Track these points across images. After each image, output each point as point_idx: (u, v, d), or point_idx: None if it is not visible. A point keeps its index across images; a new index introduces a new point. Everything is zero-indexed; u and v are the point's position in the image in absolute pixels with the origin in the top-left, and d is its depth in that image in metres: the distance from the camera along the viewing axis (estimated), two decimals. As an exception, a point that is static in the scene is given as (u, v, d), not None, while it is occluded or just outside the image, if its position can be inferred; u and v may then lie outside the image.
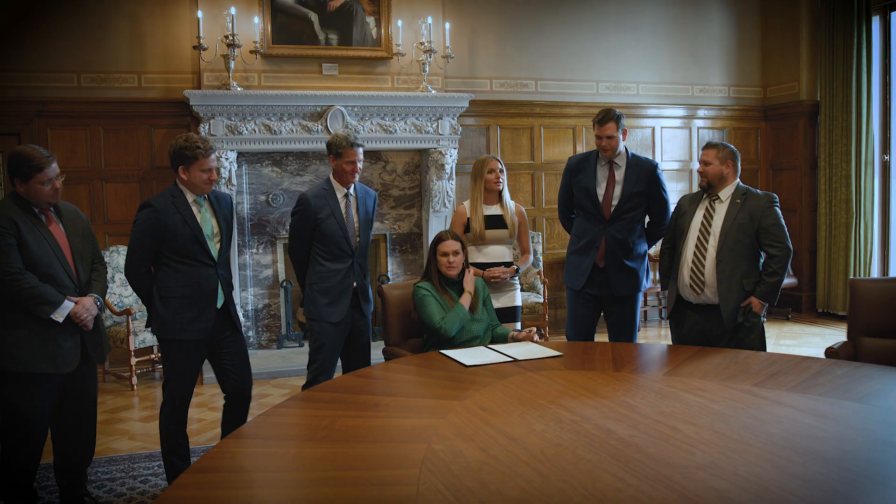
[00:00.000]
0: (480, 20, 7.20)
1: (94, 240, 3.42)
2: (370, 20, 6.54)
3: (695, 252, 3.73)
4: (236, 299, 6.06)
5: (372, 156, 6.74)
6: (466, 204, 4.21)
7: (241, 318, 5.57)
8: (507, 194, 4.25)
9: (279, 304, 6.60)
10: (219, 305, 3.45)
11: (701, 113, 8.09)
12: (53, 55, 6.19)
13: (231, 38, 5.96)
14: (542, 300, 6.78)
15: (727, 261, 3.65)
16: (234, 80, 6.11)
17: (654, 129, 7.93)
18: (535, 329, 3.75)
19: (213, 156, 3.34)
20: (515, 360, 3.16)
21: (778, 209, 3.68)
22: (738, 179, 3.80)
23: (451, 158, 6.63)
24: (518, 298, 4.23)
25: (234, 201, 3.45)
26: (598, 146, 4.11)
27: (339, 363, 3.96)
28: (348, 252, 3.82)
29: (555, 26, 7.45)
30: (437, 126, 6.58)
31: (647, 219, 4.29)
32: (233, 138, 6.08)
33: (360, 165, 3.78)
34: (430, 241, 6.67)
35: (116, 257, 5.99)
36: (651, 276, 4.42)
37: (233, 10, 5.98)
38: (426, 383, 2.99)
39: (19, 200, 3.12)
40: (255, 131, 6.15)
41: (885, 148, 7.58)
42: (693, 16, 7.96)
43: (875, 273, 7.53)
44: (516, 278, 4.23)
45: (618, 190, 4.11)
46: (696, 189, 7.88)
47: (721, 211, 3.73)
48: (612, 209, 4.11)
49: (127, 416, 4.99)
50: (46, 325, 3.11)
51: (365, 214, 3.91)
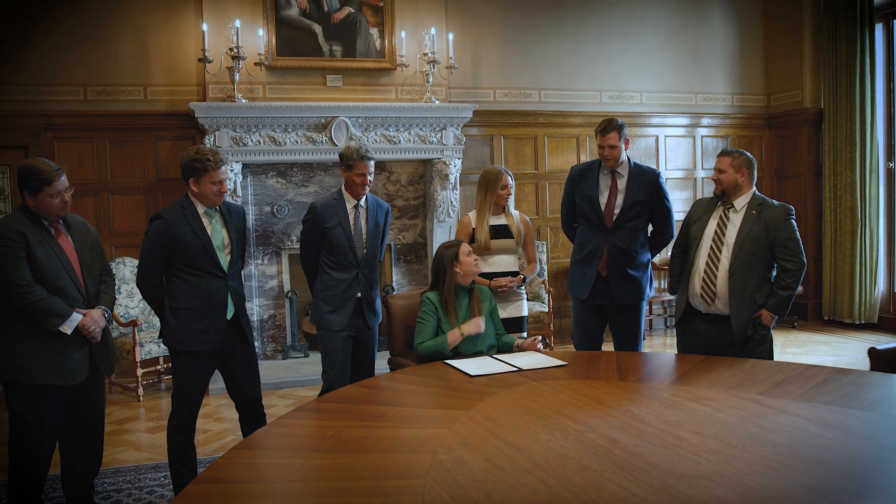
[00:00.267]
0: (483, 30, 7.24)
1: (102, 252, 3.45)
2: (374, 31, 6.58)
3: (707, 262, 3.68)
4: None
5: (376, 166, 6.71)
6: (471, 214, 4.22)
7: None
8: (511, 204, 4.27)
9: (284, 314, 6.62)
10: (228, 317, 3.48)
11: (704, 121, 8.10)
12: (60, 69, 6.24)
13: (236, 50, 6.00)
14: (546, 309, 6.78)
15: (740, 274, 3.60)
16: (239, 92, 6.15)
17: (657, 137, 7.94)
18: (539, 337, 3.75)
19: (223, 168, 3.38)
20: (520, 370, 3.16)
21: (793, 222, 3.62)
22: (755, 188, 3.74)
23: (455, 168, 6.65)
24: (524, 308, 4.23)
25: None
26: (601, 155, 4.13)
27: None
28: (354, 262, 3.85)
29: (558, 36, 7.48)
30: (441, 136, 6.61)
31: (650, 228, 4.30)
32: (238, 150, 6.12)
33: (370, 178, 3.83)
34: (434, 251, 6.70)
35: (122, 269, 6.02)
36: (654, 284, 4.41)
37: (237, 23, 6.03)
38: (431, 393, 2.99)
39: (29, 213, 3.15)
40: (259, 143, 6.19)
41: (890, 155, 7.58)
42: (696, 24, 7.99)
43: (881, 280, 7.51)
44: (522, 288, 4.23)
45: (620, 199, 4.12)
46: (699, 197, 7.89)
47: (736, 221, 3.66)
48: (615, 218, 4.12)
49: (133, 427, 5.00)
50: (55, 337, 3.13)
51: (374, 226, 3.92)
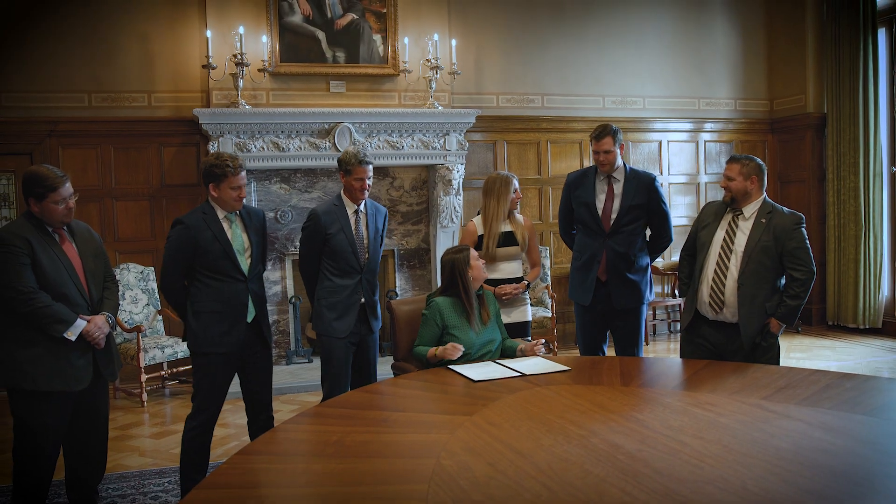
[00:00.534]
0: (486, 36, 7.26)
1: (106, 258, 3.47)
2: (377, 38, 6.60)
3: (716, 270, 3.63)
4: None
5: (379, 172, 6.78)
6: (476, 220, 4.22)
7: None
8: (516, 209, 4.29)
9: (288, 320, 6.63)
10: (249, 320, 3.56)
11: (707, 126, 8.10)
12: (65, 75, 6.27)
13: (240, 56, 6.03)
14: (550, 314, 6.78)
15: (750, 284, 3.55)
16: (243, 99, 6.18)
17: (660, 142, 7.95)
18: (542, 341, 3.75)
19: (242, 173, 3.44)
20: (523, 375, 3.17)
21: (804, 231, 3.57)
22: (765, 194, 3.69)
23: (458, 174, 6.66)
24: (528, 313, 4.24)
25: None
26: (596, 161, 4.16)
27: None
28: (357, 268, 3.85)
29: (560, 41, 7.50)
30: (444, 142, 6.63)
31: (648, 232, 4.31)
32: (241, 156, 6.13)
33: (369, 183, 3.83)
34: (438, 257, 6.72)
35: (127, 275, 6.04)
36: (654, 288, 4.42)
37: (241, 30, 6.06)
38: (434, 399, 3.00)
39: (34, 220, 3.17)
40: (263, 149, 6.21)
41: (894, 159, 7.57)
42: (698, 29, 8.00)
43: (885, 284, 7.49)
44: (526, 293, 4.23)
45: (617, 203, 4.14)
46: (702, 203, 7.89)
47: (745, 228, 3.61)
48: (612, 222, 4.13)
49: (137, 433, 5.01)
50: (59, 343, 3.15)
51: (374, 231, 3.94)
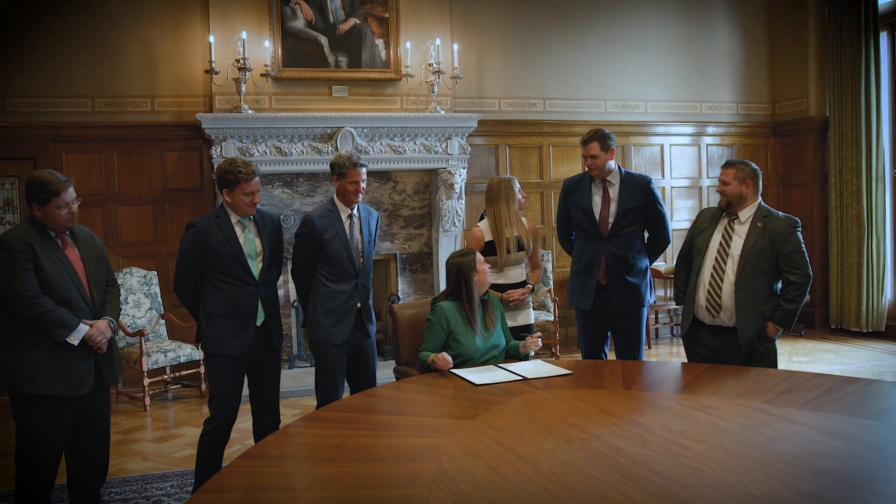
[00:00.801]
0: (488, 41, 7.27)
1: (107, 263, 3.49)
2: (379, 42, 6.62)
3: (712, 274, 3.65)
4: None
5: (382, 176, 6.79)
6: (482, 226, 4.21)
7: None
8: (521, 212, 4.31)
9: (290, 324, 6.63)
10: (258, 323, 3.58)
11: (710, 130, 8.11)
12: (68, 81, 6.29)
13: (242, 61, 6.05)
14: (552, 318, 6.78)
15: (747, 287, 3.56)
16: (246, 103, 6.19)
17: (662, 146, 7.94)
18: (539, 333, 3.76)
19: (255, 179, 3.48)
20: (525, 379, 3.17)
21: (799, 234, 3.58)
22: (760, 199, 3.69)
23: (460, 178, 6.67)
24: (532, 316, 4.25)
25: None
26: (586, 165, 4.17)
27: (346, 384, 3.95)
28: (352, 273, 3.81)
29: (562, 46, 7.51)
30: (447, 146, 6.63)
31: (646, 234, 4.31)
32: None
33: (363, 185, 3.79)
34: (440, 261, 6.73)
35: (130, 279, 6.05)
36: (654, 291, 4.42)
37: (244, 35, 6.08)
38: (436, 402, 3.00)
39: (36, 225, 3.18)
40: (266, 153, 6.22)
41: (896, 162, 7.58)
42: (700, 33, 8.00)
43: (888, 288, 7.48)
44: (529, 296, 4.24)
45: (613, 207, 4.15)
46: (705, 206, 7.89)
47: (741, 232, 3.62)
48: (610, 226, 4.14)
49: (140, 437, 5.01)
50: (61, 348, 3.16)
51: (368, 235, 3.92)
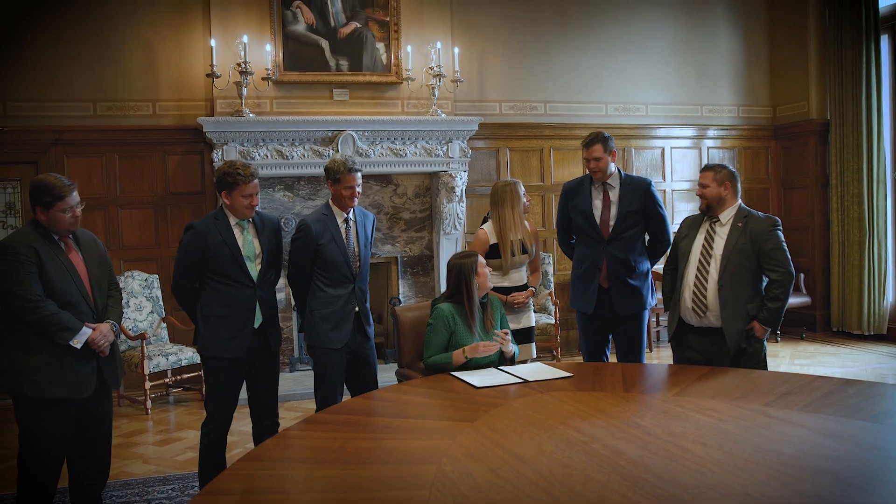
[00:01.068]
0: (489, 44, 7.28)
1: (110, 267, 3.50)
2: (380, 46, 6.63)
3: (696, 276, 3.69)
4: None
5: (382, 179, 6.80)
6: (487, 228, 4.22)
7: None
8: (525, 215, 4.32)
9: (291, 327, 6.64)
10: (256, 325, 3.59)
11: (710, 133, 8.11)
12: (69, 85, 6.31)
13: (243, 65, 6.06)
14: (553, 321, 6.78)
15: (730, 286, 3.60)
16: (247, 107, 6.21)
17: (663, 149, 7.95)
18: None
19: (254, 181, 3.48)
20: (525, 382, 3.17)
21: (779, 233, 3.64)
22: (740, 201, 3.76)
23: (461, 181, 6.68)
24: (533, 319, 4.27)
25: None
26: (588, 168, 4.17)
27: (346, 388, 3.94)
28: (349, 277, 3.80)
29: (563, 49, 7.52)
30: (447, 149, 6.64)
31: (647, 237, 4.31)
32: (250, 163, 6.15)
33: (358, 190, 3.77)
34: (441, 264, 6.73)
35: (131, 282, 6.05)
36: (656, 293, 4.42)
37: (245, 39, 6.09)
38: (436, 405, 3.00)
39: (40, 228, 3.20)
40: (267, 157, 6.23)
41: (897, 165, 7.57)
42: (700, 36, 8.01)
43: (890, 290, 7.47)
44: (531, 299, 4.24)
45: (614, 210, 4.15)
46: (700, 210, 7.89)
47: (722, 234, 3.68)
48: (611, 229, 4.13)
49: (141, 440, 5.02)
50: (64, 351, 3.17)
51: (364, 238, 3.91)
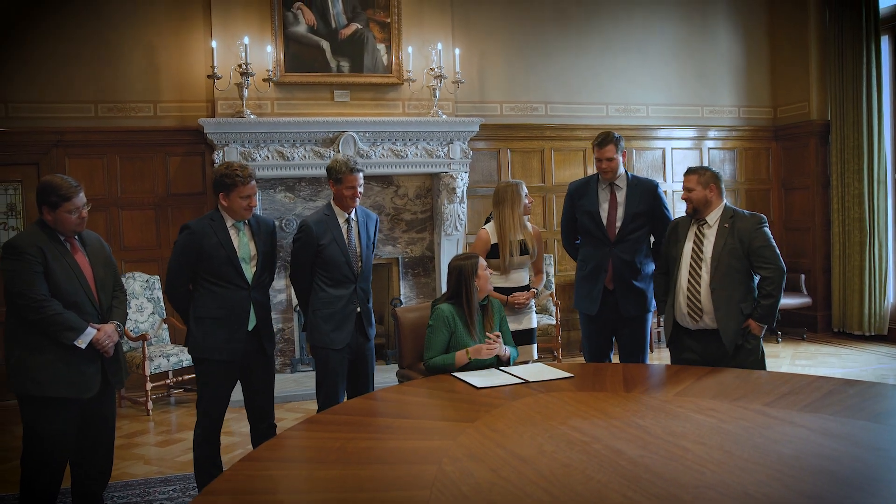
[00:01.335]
0: (490, 45, 7.29)
1: (115, 268, 3.53)
2: (381, 47, 6.64)
3: (689, 280, 3.70)
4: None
5: (383, 180, 6.81)
6: (489, 228, 4.22)
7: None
8: (527, 217, 4.30)
9: (293, 328, 6.64)
10: (250, 328, 3.57)
11: (711, 134, 8.11)
12: (71, 86, 6.32)
13: (244, 66, 6.07)
14: (554, 322, 6.78)
15: (722, 287, 3.62)
16: (248, 108, 6.21)
17: (664, 150, 7.95)
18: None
19: (252, 183, 3.47)
20: (526, 382, 3.17)
21: (766, 229, 3.65)
22: (725, 201, 3.78)
23: (462, 182, 6.69)
24: (534, 321, 4.25)
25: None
26: (599, 168, 4.16)
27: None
28: (351, 278, 3.80)
29: (563, 50, 7.53)
30: (448, 150, 6.65)
31: (652, 238, 4.30)
32: (248, 164, 6.16)
33: (360, 191, 3.77)
34: (442, 265, 6.73)
35: (132, 283, 6.06)
36: None
37: (246, 40, 6.10)
38: (437, 406, 3.00)
39: (46, 228, 3.22)
40: (268, 158, 6.24)
41: (898, 166, 7.57)
42: (701, 37, 8.02)
43: (891, 291, 7.47)
44: (532, 300, 4.23)
45: (620, 211, 4.14)
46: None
47: (710, 236, 3.70)
48: (617, 231, 4.13)
49: (142, 441, 5.02)
50: (68, 351, 3.18)
51: (367, 239, 3.90)
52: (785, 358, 6.90)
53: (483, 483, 2.06)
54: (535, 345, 4.28)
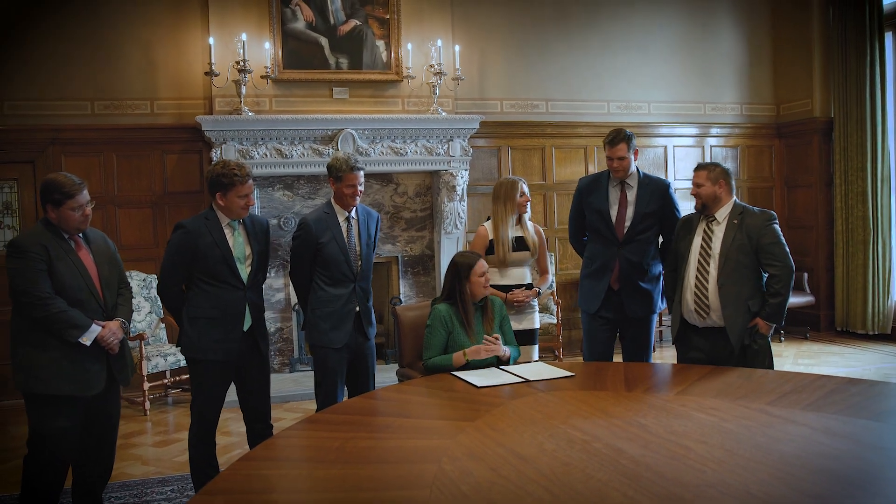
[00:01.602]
0: (490, 42, 7.29)
1: (120, 265, 3.54)
2: (380, 44, 6.64)
3: (696, 276, 3.69)
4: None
5: (383, 178, 6.81)
6: (487, 225, 4.22)
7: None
8: (527, 215, 4.27)
9: (291, 328, 6.65)
10: (245, 328, 3.56)
11: (713, 131, 8.12)
12: (67, 83, 6.33)
13: (242, 63, 6.07)
14: (555, 321, 6.79)
15: (730, 284, 3.61)
16: (246, 105, 6.22)
17: (666, 148, 7.96)
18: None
19: (250, 181, 3.47)
20: (527, 381, 3.18)
21: (776, 227, 3.65)
22: (735, 198, 3.77)
23: (462, 180, 6.69)
24: (537, 321, 4.22)
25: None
26: (610, 167, 4.09)
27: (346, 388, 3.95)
28: (350, 277, 3.80)
29: (564, 47, 7.53)
30: (448, 148, 6.65)
31: (660, 239, 4.27)
32: (245, 163, 6.16)
33: (360, 189, 3.77)
34: (442, 263, 6.74)
35: (129, 282, 6.06)
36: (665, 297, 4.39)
37: (244, 37, 6.10)
38: (437, 405, 3.01)
39: (50, 227, 3.24)
40: (266, 155, 6.25)
41: (902, 163, 7.57)
42: (703, 34, 8.02)
43: (894, 290, 7.47)
44: (535, 300, 4.22)
45: (630, 211, 4.09)
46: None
47: (719, 232, 3.69)
48: (626, 231, 4.08)
49: (140, 442, 5.03)
50: (73, 349, 3.20)
51: (367, 237, 3.89)
52: (788, 357, 6.91)
53: (483, 482, 2.07)
54: (537, 346, 4.24)
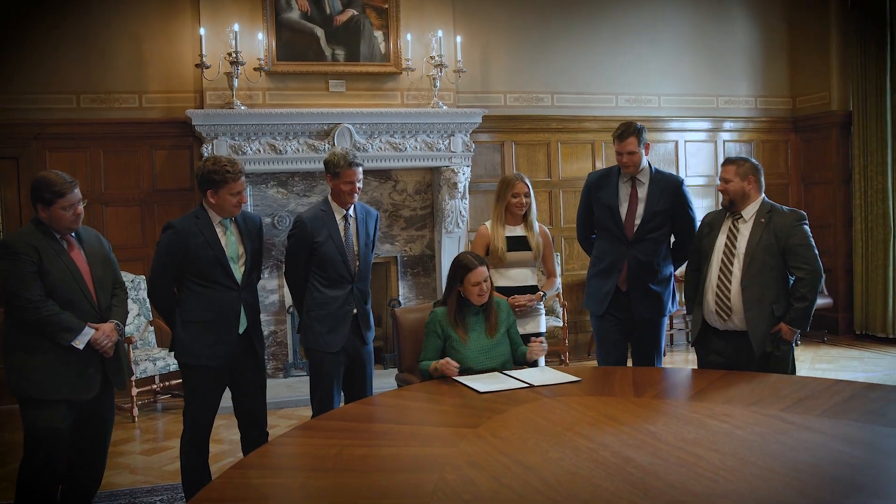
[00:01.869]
0: (493, 33, 7.29)
1: (114, 265, 3.55)
2: (378, 34, 6.65)
3: (719, 276, 3.65)
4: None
5: (381, 175, 6.81)
6: (489, 223, 4.23)
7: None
8: (533, 215, 4.22)
9: (286, 331, 6.66)
10: (240, 330, 3.56)
11: (727, 125, 8.12)
12: (52, 76, 6.33)
13: (234, 55, 6.07)
14: (561, 324, 6.79)
15: (754, 285, 3.57)
16: (238, 99, 6.22)
17: (677, 143, 7.96)
18: (542, 340, 3.72)
19: (242, 178, 3.46)
20: (531, 386, 3.18)
21: (806, 227, 3.60)
22: (763, 195, 3.74)
23: (463, 177, 6.69)
24: (543, 325, 4.19)
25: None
26: (620, 163, 4.08)
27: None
28: (347, 277, 3.79)
29: (571, 38, 7.53)
30: (449, 143, 6.65)
31: (672, 238, 4.26)
32: (236, 159, 6.16)
33: (359, 185, 3.76)
34: (443, 264, 6.75)
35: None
36: (678, 299, 4.38)
37: (236, 27, 6.11)
38: (438, 411, 3.02)
39: (42, 227, 3.26)
40: (259, 151, 6.25)
41: (924, 159, 7.57)
42: (716, 25, 8.02)
43: (916, 292, 7.47)
44: (541, 304, 4.22)
45: (641, 208, 4.07)
46: (721, 206, 7.89)
47: (745, 231, 3.65)
48: (636, 229, 4.06)
49: (128, 450, 5.04)
50: (67, 352, 3.23)
51: (366, 237, 3.88)
52: (804, 362, 6.90)
53: (485, 492, 2.08)
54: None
